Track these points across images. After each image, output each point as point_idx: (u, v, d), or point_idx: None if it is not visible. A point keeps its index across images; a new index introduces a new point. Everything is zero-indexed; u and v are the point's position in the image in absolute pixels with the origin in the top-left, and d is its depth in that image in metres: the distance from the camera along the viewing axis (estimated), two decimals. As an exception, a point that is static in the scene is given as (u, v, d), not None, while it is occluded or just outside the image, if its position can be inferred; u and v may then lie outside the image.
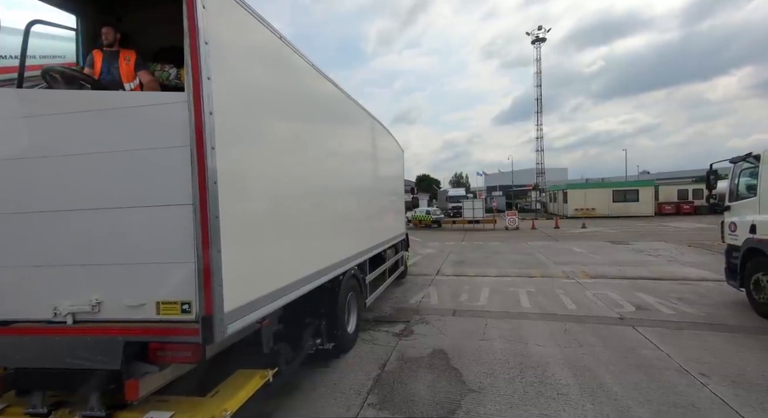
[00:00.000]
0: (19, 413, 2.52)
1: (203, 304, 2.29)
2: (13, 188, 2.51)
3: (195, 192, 2.30)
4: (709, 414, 3.23)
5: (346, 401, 3.65)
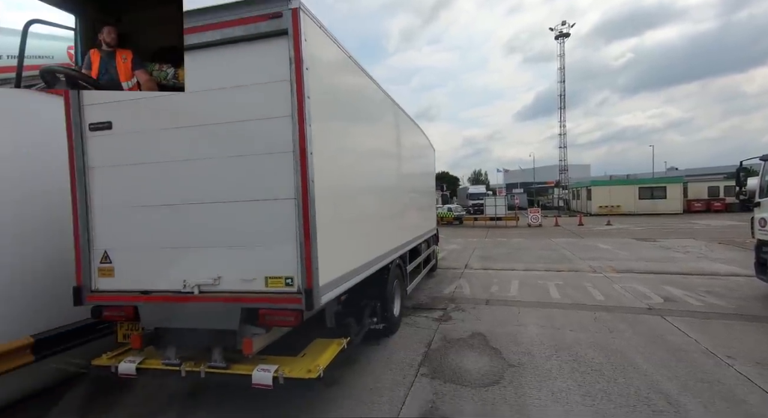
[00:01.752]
0: (156, 364, 3.18)
1: (305, 279, 2.86)
2: (157, 186, 3.14)
3: (298, 189, 2.87)
4: (733, 388, 3.59)
5: (401, 372, 4.19)
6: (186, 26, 3.00)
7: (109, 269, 3.29)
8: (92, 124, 3.27)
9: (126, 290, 3.23)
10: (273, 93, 2.90)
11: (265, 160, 2.95)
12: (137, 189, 3.22)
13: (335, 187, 3.33)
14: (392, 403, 3.53)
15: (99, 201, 3.31)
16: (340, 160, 3.51)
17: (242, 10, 2.88)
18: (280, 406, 3.51)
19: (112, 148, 3.25)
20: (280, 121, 2.89)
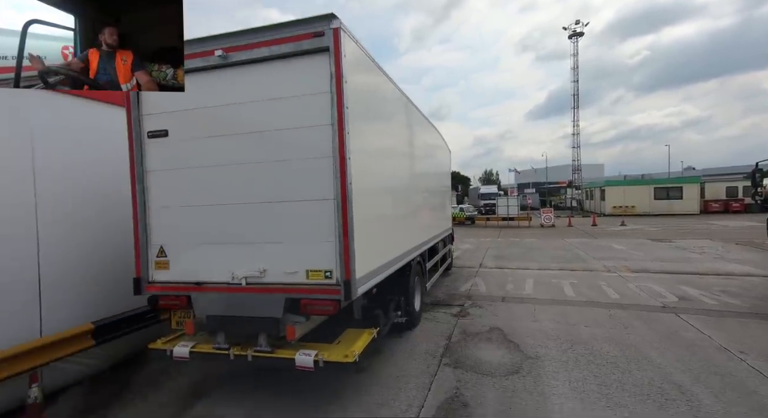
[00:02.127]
0: (207, 348, 3.52)
1: (343, 271, 3.16)
2: (208, 187, 3.48)
3: (337, 190, 3.17)
4: (745, 380, 3.77)
5: (425, 362, 4.46)
6: (236, 44, 3.34)
7: (164, 263, 3.64)
8: (150, 132, 3.63)
9: (180, 281, 3.58)
10: (315, 104, 3.20)
11: (307, 165, 3.26)
12: (190, 190, 3.56)
13: (367, 189, 3.62)
14: (419, 389, 3.81)
15: (155, 202, 3.67)
16: (371, 163, 3.80)
17: (288, 29, 3.19)
18: (315, 390, 3.82)
19: (168, 154, 3.61)
20: (322, 129, 3.19)
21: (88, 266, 4.20)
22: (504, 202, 26.71)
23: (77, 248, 4.12)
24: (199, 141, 3.52)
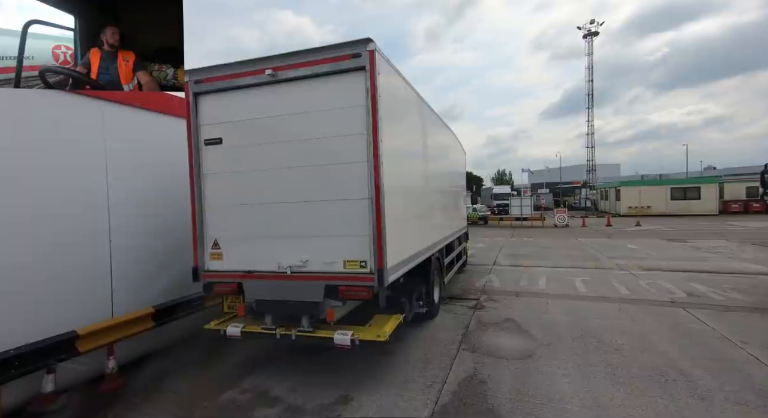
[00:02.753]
0: (256, 329, 4.03)
1: (376, 261, 3.63)
2: (256, 188, 4.00)
3: (371, 191, 3.64)
4: (742, 366, 4.09)
5: (445, 348, 4.89)
6: (284, 64, 3.84)
7: (218, 254, 4.18)
8: (207, 140, 4.16)
9: (232, 270, 4.11)
10: (352, 115, 3.68)
11: (345, 168, 3.74)
12: (241, 191, 4.08)
13: (396, 189, 4.07)
14: (440, 368, 4.25)
15: (211, 200, 4.20)
16: (399, 167, 4.26)
17: (329, 51, 3.68)
18: (349, 369, 4.31)
19: (222, 159, 4.14)
20: (358, 138, 3.67)
21: (148, 258, 4.78)
22: (517, 202, 26.81)
23: (140, 243, 4.70)
24: (249, 148, 4.04)
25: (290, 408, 3.53)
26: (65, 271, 3.94)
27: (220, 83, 4.05)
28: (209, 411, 3.54)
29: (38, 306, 3.69)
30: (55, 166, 3.90)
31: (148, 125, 4.86)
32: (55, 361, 3.55)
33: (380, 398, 3.65)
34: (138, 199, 4.72)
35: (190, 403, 3.71)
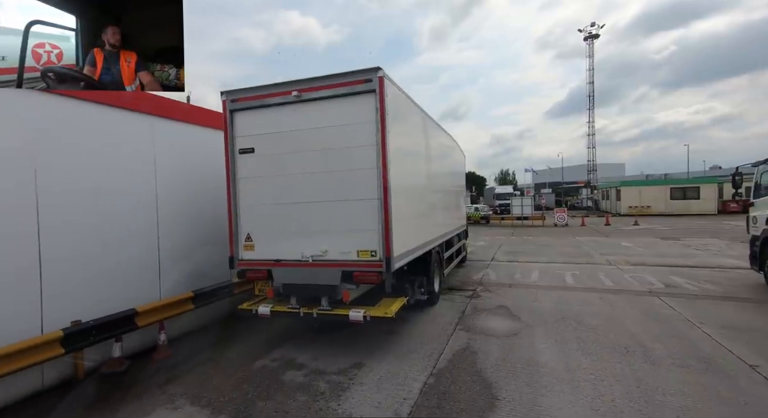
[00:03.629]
0: (283, 308, 4.79)
1: (384, 251, 4.38)
2: (283, 190, 4.76)
3: (380, 192, 4.39)
4: (695, 341, 4.79)
5: (443, 328, 5.63)
6: (307, 87, 4.61)
7: (251, 246, 4.95)
8: (241, 149, 4.94)
9: (263, 259, 4.87)
10: (364, 130, 4.43)
11: (358, 174, 4.49)
12: (270, 192, 4.85)
13: (401, 191, 4.82)
14: (439, 343, 4.99)
15: (244, 200, 4.97)
16: (404, 171, 5.01)
17: (345, 77, 4.43)
18: (361, 343, 5.06)
19: (254, 165, 4.91)
20: (369, 148, 4.42)
21: (186, 251, 5.57)
22: (518, 202, 27.45)
23: (182, 237, 5.49)
24: (277, 156, 4.81)
25: (313, 371, 4.29)
26: (127, 259, 4.73)
27: (252, 102, 4.83)
28: (246, 374, 4.31)
29: (108, 287, 4.48)
30: (118, 171, 4.70)
31: (188, 136, 5.66)
32: (120, 332, 4.34)
33: (387, 364, 4.40)
34: (179, 200, 5.51)
35: (228, 369, 4.48)
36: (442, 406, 3.48)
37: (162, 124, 5.24)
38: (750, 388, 3.61)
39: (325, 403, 3.59)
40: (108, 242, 4.54)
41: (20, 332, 3.58)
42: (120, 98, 4.66)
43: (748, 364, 4.08)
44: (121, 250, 4.67)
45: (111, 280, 4.54)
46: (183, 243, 5.53)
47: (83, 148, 4.35)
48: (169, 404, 3.68)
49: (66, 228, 4.12)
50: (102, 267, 4.45)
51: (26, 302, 3.78)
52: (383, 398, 3.63)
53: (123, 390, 3.99)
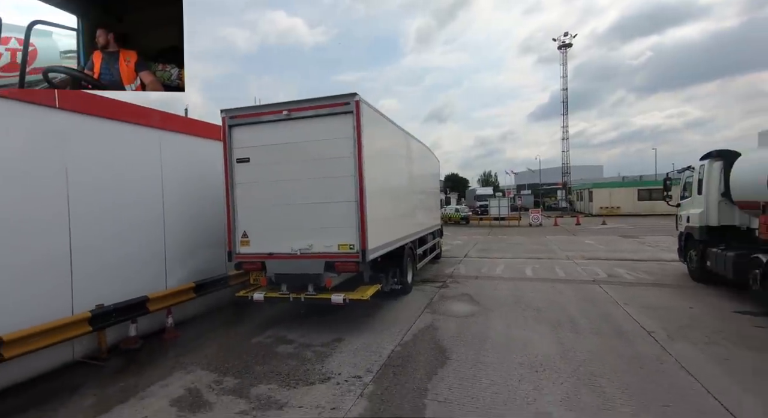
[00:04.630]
0: (275, 294, 5.63)
1: (361, 244, 5.28)
2: (275, 193, 5.61)
3: (357, 195, 5.29)
4: (616, 318, 5.87)
5: (413, 312, 6.55)
6: (296, 107, 5.47)
7: (246, 241, 5.77)
8: (238, 159, 5.76)
9: (257, 252, 5.70)
10: (344, 143, 5.33)
11: (339, 180, 5.38)
12: (263, 196, 5.68)
13: (375, 194, 5.73)
14: (407, 322, 5.91)
15: (241, 202, 5.79)
16: (378, 178, 5.92)
17: (327, 100, 5.33)
18: (342, 323, 5.93)
19: (249, 173, 5.73)
20: (348, 159, 5.32)
21: (193, 244, 6.34)
22: (495, 203, 28.78)
23: (186, 234, 6.26)
24: (269, 165, 5.65)
25: (301, 345, 5.15)
26: (137, 252, 5.49)
27: (248, 119, 5.67)
28: (244, 348, 5.13)
29: (123, 277, 5.23)
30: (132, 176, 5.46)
31: (191, 146, 6.44)
32: (136, 315, 5.10)
33: (364, 338, 5.30)
34: (182, 202, 6.27)
35: (226, 346, 5.29)
36: (404, 365, 4.40)
37: (168, 136, 6.02)
38: (641, 347, 4.67)
39: (311, 365, 4.47)
40: (122, 238, 5.29)
41: (56, 311, 4.33)
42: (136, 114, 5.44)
43: (647, 331, 5.17)
44: (133, 245, 5.42)
45: (125, 271, 5.29)
46: (185, 239, 6.30)
47: (104, 160, 5.10)
48: (182, 369, 4.48)
49: (89, 225, 4.85)
50: (117, 259, 5.20)
51: (61, 286, 4.52)
52: (358, 361, 4.53)
53: (141, 362, 4.76)
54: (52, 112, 4.50)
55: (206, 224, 6.59)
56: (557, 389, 3.71)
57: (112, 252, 5.12)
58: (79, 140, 4.80)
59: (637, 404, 3.41)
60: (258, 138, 5.69)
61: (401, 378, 4.06)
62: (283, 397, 3.74)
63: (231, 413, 3.49)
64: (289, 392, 3.84)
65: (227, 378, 4.21)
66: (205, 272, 6.45)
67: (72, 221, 4.64)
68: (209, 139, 6.56)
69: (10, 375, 3.95)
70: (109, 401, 3.79)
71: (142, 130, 5.61)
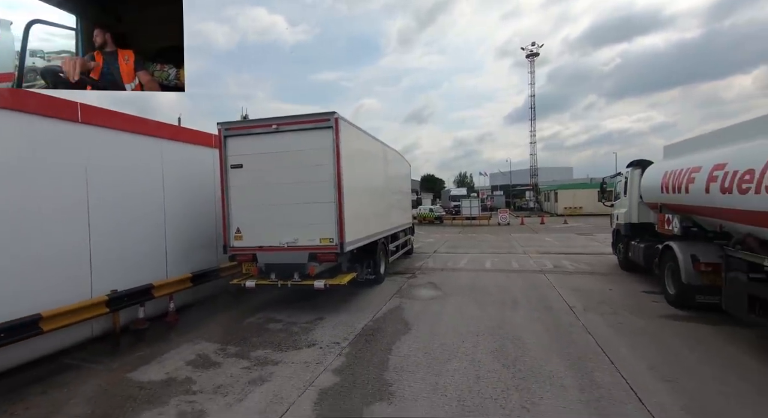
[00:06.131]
0: (265, 282, 6.54)
1: (339, 238, 6.31)
2: (265, 195, 6.53)
3: (336, 196, 6.31)
4: (549, 298, 7.15)
5: (384, 297, 7.62)
6: (284, 122, 6.43)
7: (240, 236, 6.66)
8: (232, 165, 6.64)
9: (249, 246, 6.61)
10: (324, 153, 6.32)
11: (321, 184, 6.36)
12: (255, 197, 6.59)
13: (351, 196, 6.74)
14: (378, 305, 6.97)
15: (234, 203, 6.67)
16: (354, 182, 6.94)
17: (311, 116, 6.32)
18: (324, 306, 6.92)
19: (242, 177, 6.62)
20: (328, 166, 6.32)
21: (189, 240, 7.16)
22: (467, 203, 30.36)
23: (184, 230, 7.07)
24: (261, 170, 6.57)
25: (289, 323, 6.11)
26: (142, 244, 6.29)
27: (241, 131, 6.57)
28: (240, 326, 6.03)
29: (130, 267, 6.02)
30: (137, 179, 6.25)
31: (187, 153, 7.25)
32: (143, 300, 5.91)
33: (341, 317, 6.31)
34: (180, 203, 7.08)
35: (223, 325, 6.17)
36: (374, 334, 5.45)
37: (168, 144, 6.82)
38: (562, 317, 5.94)
39: (298, 337, 5.44)
40: (131, 234, 6.07)
41: (79, 295, 5.11)
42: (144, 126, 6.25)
43: (570, 306, 6.47)
44: (139, 239, 6.21)
45: (133, 262, 6.08)
46: (182, 235, 7.10)
47: (116, 164, 5.88)
48: (189, 342, 5.35)
49: (104, 222, 5.63)
50: (126, 252, 5.99)
51: (83, 274, 5.29)
52: (337, 333, 5.54)
53: (152, 338, 5.58)
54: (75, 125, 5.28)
55: (199, 221, 7.41)
56: (490, 346, 4.86)
57: (122, 245, 5.90)
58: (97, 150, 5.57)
59: (546, 352, 4.61)
60: (250, 147, 6.60)
61: (371, 344, 5.11)
62: (277, 357, 4.71)
63: (237, 368, 4.43)
64: (281, 354, 4.82)
65: (229, 347, 5.13)
66: (200, 264, 7.27)
67: (90, 217, 5.41)
68: (203, 145, 7.39)
69: (47, 345, 4.72)
70: (133, 363, 4.65)
71: (145, 139, 6.40)
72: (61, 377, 4.32)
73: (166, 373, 4.36)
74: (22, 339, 4.30)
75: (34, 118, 4.80)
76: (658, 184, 7.15)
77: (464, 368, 4.26)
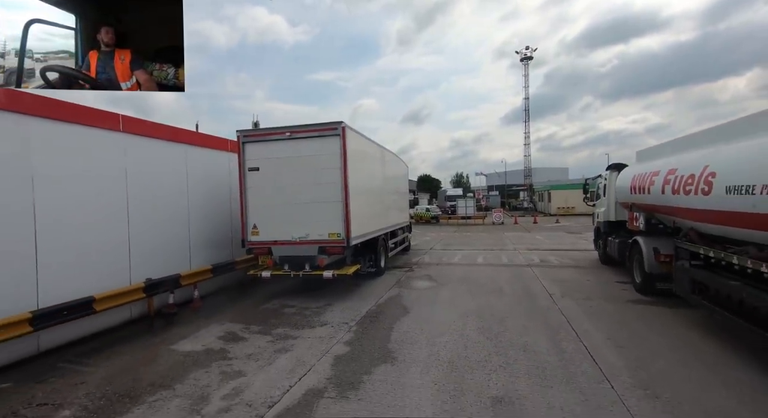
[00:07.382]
0: (280, 272, 7.34)
1: (346, 233, 7.12)
2: (280, 195, 7.33)
3: (343, 197, 7.12)
4: (533, 287, 8.00)
5: (385, 287, 8.44)
6: (296, 129, 7.24)
7: (256, 231, 7.45)
8: (249, 168, 7.43)
9: (265, 240, 7.40)
10: (332, 158, 7.13)
11: (329, 185, 7.17)
12: (270, 196, 7.39)
13: (356, 196, 7.55)
14: (380, 294, 7.79)
15: (252, 202, 7.47)
16: (358, 184, 7.76)
17: (321, 125, 7.13)
18: (332, 295, 7.73)
19: (259, 179, 7.42)
20: (336, 170, 7.13)
21: (208, 236, 7.94)
22: (463, 203, 31.25)
23: (205, 226, 7.85)
24: (276, 173, 7.37)
25: (302, 307, 6.91)
26: (170, 240, 7.06)
27: (258, 138, 7.37)
28: (257, 311, 6.82)
29: (161, 259, 6.80)
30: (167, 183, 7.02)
31: (206, 157, 8.03)
32: (173, 287, 6.69)
33: (348, 303, 7.12)
34: (200, 202, 7.87)
35: (243, 310, 6.95)
36: (378, 316, 6.27)
37: (192, 149, 7.60)
38: (541, 302, 6.79)
39: (311, 319, 6.25)
40: (161, 230, 6.85)
41: (120, 282, 5.88)
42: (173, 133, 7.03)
43: (549, 293, 7.32)
44: (168, 235, 6.99)
45: (163, 255, 6.85)
46: (207, 230, 7.88)
47: (149, 168, 6.65)
48: (217, 323, 6.14)
49: (141, 219, 6.40)
50: (157, 246, 6.76)
51: (123, 265, 6.06)
52: (345, 316, 6.35)
53: (181, 320, 6.36)
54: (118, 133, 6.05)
55: (217, 219, 8.20)
56: (477, 325, 5.69)
57: (154, 240, 6.68)
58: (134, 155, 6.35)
59: (524, 329, 5.44)
60: (266, 152, 7.40)
61: (375, 323, 5.92)
62: (295, 333, 5.52)
63: (262, 342, 5.24)
64: (299, 331, 5.62)
65: (252, 326, 5.93)
66: (217, 258, 8.05)
67: (130, 215, 6.19)
68: (219, 150, 8.19)
69: (99, 323, 5.50)
70: (171, 339, 5.43)
71: (173, 145, 7.18)
72: (119, 348, 5.11)
73: (203, 345, 5.15)
74: (80, 317, 5.08)
75: (88, 129, 5.57)
76: (628, 186, 8.01)
77: (454, 340, 5.09)
